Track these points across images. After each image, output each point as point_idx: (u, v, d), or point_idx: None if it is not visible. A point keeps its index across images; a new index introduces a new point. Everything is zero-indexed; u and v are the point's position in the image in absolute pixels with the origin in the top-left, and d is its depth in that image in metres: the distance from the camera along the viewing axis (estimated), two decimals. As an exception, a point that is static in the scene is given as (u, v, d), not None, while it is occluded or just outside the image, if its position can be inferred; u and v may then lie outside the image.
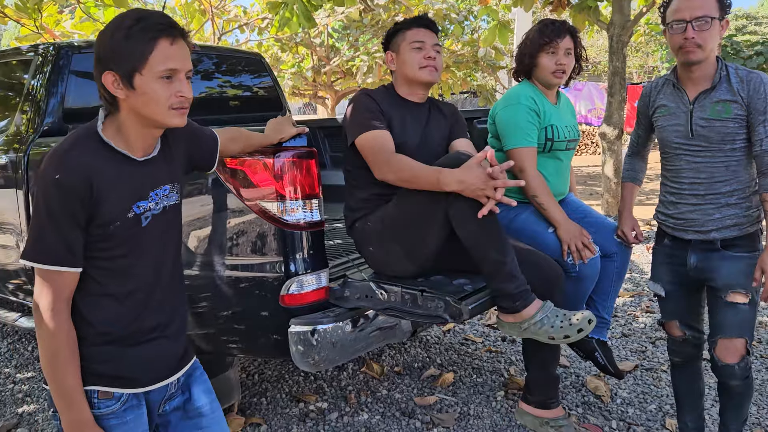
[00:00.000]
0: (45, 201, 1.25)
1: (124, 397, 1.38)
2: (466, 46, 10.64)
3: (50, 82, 3.02)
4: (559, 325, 1.90)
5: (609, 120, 6.04)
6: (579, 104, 16.12)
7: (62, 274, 1.28)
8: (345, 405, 2.90)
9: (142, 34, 1.26)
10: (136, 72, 1.27)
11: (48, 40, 6.06)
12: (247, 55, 4.26)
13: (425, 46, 2.21)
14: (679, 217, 2.15)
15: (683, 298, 2.24)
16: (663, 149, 2.19)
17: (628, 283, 4.80)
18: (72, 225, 1.26)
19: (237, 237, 2.13)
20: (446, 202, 1.93)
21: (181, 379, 1.53)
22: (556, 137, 2.44)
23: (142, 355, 1.41)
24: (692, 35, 1.97)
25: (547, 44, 2.42)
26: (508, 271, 1.92)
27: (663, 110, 2.16)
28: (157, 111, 1.30)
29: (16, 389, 3.24)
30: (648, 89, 2.25)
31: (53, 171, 1.24)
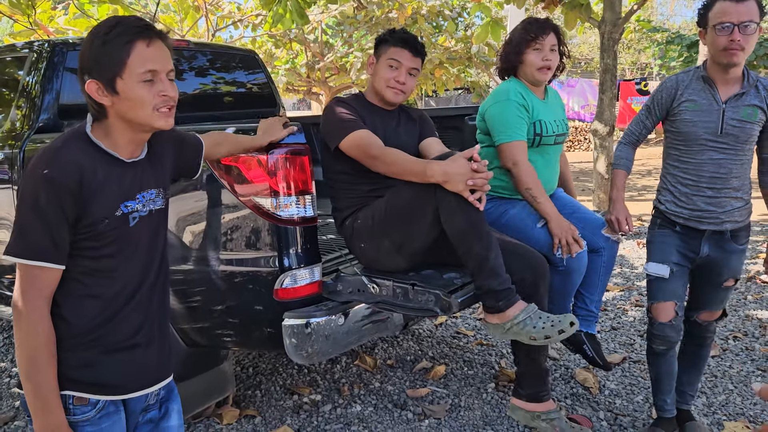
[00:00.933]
0: (32, 196, 1.24)
1: (101, 404, 1.36)
2: (460, 42, 10.68)
3: (45, 78, 3.04)
4: (541, 326, 1.95)
5: (600, 117, 6.10)
6: (572, 101, 16.20)
7: (44, 270, 1.26)
8: (338, 397, 2.95)
9: (119, 39, 1.28)
10: (117, 77, 1.28)
11: (41, 36, 6.07)
12: (241, 52, 4.29)
13: (401, 67, 2.26)
14: (694, 208, 2.25)
15: (682, 280, 2.35)
16: (684, 142, 2.25)
17: (618, 278, 4.86)
18: (59, 220, 1.25)
19: (231, 232, 2.17)
20: (435, 198, 1.98)
21: (161, 393, 1.51)
22: (545, 132, 2.49)
23: (122, 362, 1.39)
24: (738, 38, 2.06)
25: (532, 40, 2.47)
26: (491, 267, 1.96)
27: (691, 105, 2.22)
28: (142, 114, 1.31)
29: (12, 383, 3.27)
30: (674, 82, 2.29)
31: (44, 167, 1.25)
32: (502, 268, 1.99)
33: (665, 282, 2.33)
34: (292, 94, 12.72)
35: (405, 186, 2.08)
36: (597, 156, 6.18)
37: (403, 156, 2.08)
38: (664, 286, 2.34)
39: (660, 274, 2.32)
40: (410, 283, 2.06)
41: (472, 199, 1.91)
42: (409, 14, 9.71)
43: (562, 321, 1.93)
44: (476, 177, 1.89)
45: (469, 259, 1.98)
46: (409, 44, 2.27)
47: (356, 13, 9.47)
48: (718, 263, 2.29)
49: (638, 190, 9.75)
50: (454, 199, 1.93)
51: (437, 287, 2.01)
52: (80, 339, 1.34)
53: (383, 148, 2.13)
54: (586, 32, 18.85)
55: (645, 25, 10.32)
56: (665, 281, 2.32)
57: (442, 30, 11.46)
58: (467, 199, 1.91)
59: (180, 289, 2.31)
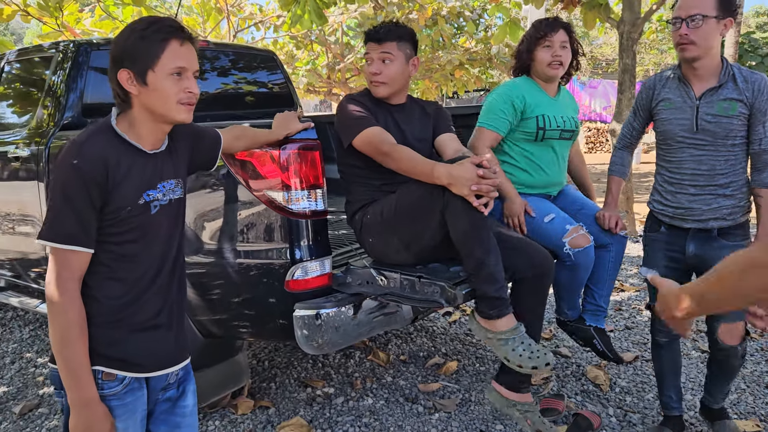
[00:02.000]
0: (63, 185, 1.34)
1: (127, 380, 1.45)
2: (480, 43, 10.67)
3: (70, 78, 3.15)
4: (519, 352, 1.97)
5: (619, 117, 6.06)
6: (594, 102, 16.07)
7: (76, 253, 1.36)
8: (351, 390, 3.01)
9: (156, 36, 1.39)
10: (149, 69, 1.39)
11: (68, 37, 6.22)
12: (260, 53, 4.37)
13: (372, 60, 2.28)
14: (678, 206, 2.23)
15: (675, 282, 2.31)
16: (664, 141, 2.26)
17: (634, 278, 4.85)
18: (87, 207, 1.35)
19: (245, 225, 2.24)
20: (443, 201, 2.01)
21: (180, 373, 1.60)
22: (548, 126, 2.53)
23: (146, 341, 1.49)
24: (685, 32, 2.06)
25: (542, 38, 2.52)
26: (489, 273, 1.98)
27: (667, 103, 2.23)
28: (166, 106, 1.42)
29: (37, 372, 3.39)
30: (652, 82, 2.31)
31: (72, 158, 1.35)
32: (501, 275, 2.00)
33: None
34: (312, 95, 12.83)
35: (415, 185, 2.12)
36: (615, 156, 6.15)
37: (412, 154, 2.11)
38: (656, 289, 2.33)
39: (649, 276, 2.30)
40: (417, 275, 2.10)
41: (477, 203, 1.93)
42: (429, 15, 9.75)
43: (540, 358, 1.94)
44: (482, 183, 1.90)
45: (468, 262, 2.00)
46: (371, 35, 2.28)
47: (377, 14, 9.52)
48: (708, 259, 2.18)
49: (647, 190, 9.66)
50: (460, 202, 1.96)
51: (443, 279, 2.05)
52: (108, 317, 1.43)
53: (394, 145, 2.16)
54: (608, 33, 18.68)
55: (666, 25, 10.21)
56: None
57: (462, 31, 11.47)
58: (473, 203, 1.93)
59: (196, 281, 2.38)
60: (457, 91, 12.32)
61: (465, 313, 4.10)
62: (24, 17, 6.00)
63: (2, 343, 3.89)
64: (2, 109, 3.70)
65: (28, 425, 2.81)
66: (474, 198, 1.92)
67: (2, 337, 4.02)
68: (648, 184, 10.46)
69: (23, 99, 3.59)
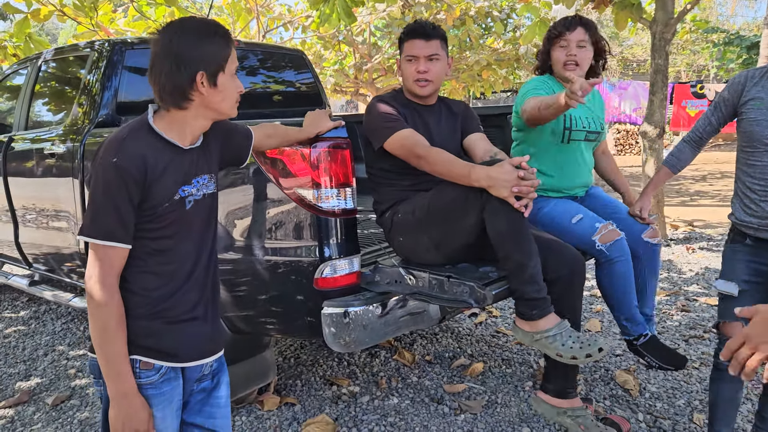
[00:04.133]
0: (104, 182, 1.37)
1: (163, 369, 1.48)
2: (508, 44, 10.60)
3: (105, 76, 3.21)
4: (570, 344, 1.95)
5: (650, 118, 5.97)
6: (624, 104, 15.85)
7: (115, 249, 1.39)
8: (376, 389, 3.01)
9: (222, 40, 1.46)
10: (221, 71, 1.46)
11: (102, 37, 6.34)
12: (290, 52, 4.40)
13: (417, 58, 2.26)
14: (764, 216, 2.09)
15: (755, 299, 2.16)
16: (750, 143, 2.12)
17: (664, 282, 4.76)
18: (126, 204, 1.38)
19: (275, 223, 2.25)
20: (482, 201, 2.01)
21: (214, 365, 1.64)
22: (574, 126, 2.50)
23: (182, 332, 1.52)
24: None
25: (557, 37, 2.49)
26: (529, 275, 1.97)
27: (758, 102, 2.09)
28: (228, 104, 1.50)
29: (69, 365, 3.46)
30: (742, 78, 2.17)
31: (112, 156, 1.37)
32: (540, 276, 2.00)
33: (734, 301, 2.16)
34: (340, 95, 12.88)
35: (450, 186, 2.10)
36: (646, 159, 6.05)
37: (448, 157, 2.10)
38: (732, 305, 2.16)
39: (728, 291, 2.18)
40: (446, 275, 2.09)
41: (517, 205, 1.92)
42: (457, 15, 9.70)
43: (592, 345, 1.92)
44: (522, 184, 1.90)
45: (507, 263, 2.01)
46: (418, 32, 2.25)
47: (404, 14, 9.52)
48: None
49: (690, 195, 9.49)
50: (499, 203, 1.95)
51: (472, 279, 2.04)
52: (147, 310, 1.47)
53: (428, 147, 2.15)
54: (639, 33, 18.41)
55: (701, 25, 10.03)
56: (733, 300, 2.16)
57: (490, 31, 11.40)
58: (512, 204, 1.92)
59: (225, 278, 2.40)
60: (484, 92, 12.24)
61: (491, 315, 4.07)
62: (60, 17, 6.13)
63: (36, 336, 3.98)
64: (39, 106, 3.79)
65: (60, 416, 2.87)
66: (514, 200, 1.91)
67: (36, 330, 4.11)
68: (678, 187, 10.28)
69: (59, 97, 3.67)
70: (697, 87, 15.48)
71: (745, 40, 15.63)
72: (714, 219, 7.30)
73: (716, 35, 16.56)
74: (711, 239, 6.21)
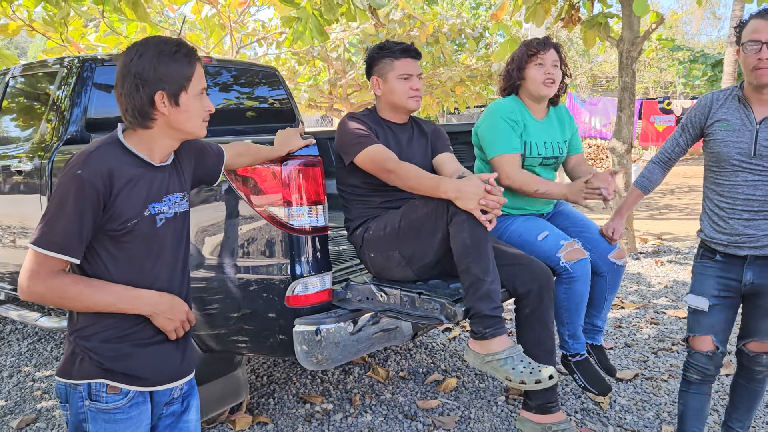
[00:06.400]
0: (64, 193, 1.35)
1: (131, 393, 1.46)
2: (480, 60, 10.75)
3: (74, 93, 3.18)
4: (520, 369, 1.94)
5: (619, 134, 6.09)
6: (594, 119, 16.14)
7: (60, 260, 1.36)
8: (350, 407, 2.99)
9: (186, 59, 1.44)
10: (183, 90, 1.44)
11: (73, 52, 6.28)
12: (263, 69, 4.41)
13: (412, 78, 2.33)
14: (732, 233, 2.14)
15: (724, 313, 2.24)
16: (717, 164, 2.17)
17: (634, 295, 4.84)
18: (85, 218, 1.35)
19: (246, 241, 2.25)
20: (448, 215, 2.03)
21: (184, 388, 1.61)
22: (528, 153, 2.54)
23: (152, 355, 1.50)
24: (767, 56, 1.98)
25: (534, 55, 2.52)
26: (485, 291, 1.97)
27: (724, 124, 2.14)
28: (193, 124, 1.48)
29: (35, 387, 3.38)
30: (708, 100, 2.22)
31: (76, 168, 1.36)
32: (498, 295, 1.99)
33: (704, 315, 2.23)
34: (314, 110, 12.90)
35: (420, 201, 2.13)
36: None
37: (417, 171, 2.13)
38: (702, 319, 2.24)
39: (698, 306, 2.23)
40: (417, 291, 2.11)
41: (483, 219, 1.95)
42: (430, 32, 9.82)
43: (542, 371, 1.92)
44: (489, 198, 1.92)
45: (465, 278, 2.00)
46: (411, 51, 2.33)
47: (378, 31, 9.60)
48: (765, 290, 2.16)
49: (659, 209, 9.68)
50: (465, 216, 1.98)
51: (443, 296, 2.06)
52: (115, 332, 1.45)
53: (398, 162, 2.18)
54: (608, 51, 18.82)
55: (666, 44, 10.31)
56: (704, 314, 2.23)
57: (463, 48, 11.55)
58: (478, 218, 1.95)
59: (196, 296, 2.38)
60: (458, 107, 12.38)
61: (465, 330, 4.09)
62: (29, 32, 6.05)
63: (0, 357, 3.88)
64: (6, 123, 3.73)
65: (26, 440, 2.80)
66: (480, 213, 1.94)
67: (0, 350, 4.01)
68: (648, 201, 10.47)
69: (27, 113, 3.62)
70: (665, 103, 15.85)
71: (709, 57, 16.09)
72: (682, 232, 7.45)
73: (682, 53, 17.02)
74: (679, 252, 6.34)
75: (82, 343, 1.45)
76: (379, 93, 2.39)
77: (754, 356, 2.27)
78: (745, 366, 2.32)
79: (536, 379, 1.91)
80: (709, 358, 2.25)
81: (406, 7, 9.02)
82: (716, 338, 2.24)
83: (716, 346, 2.24)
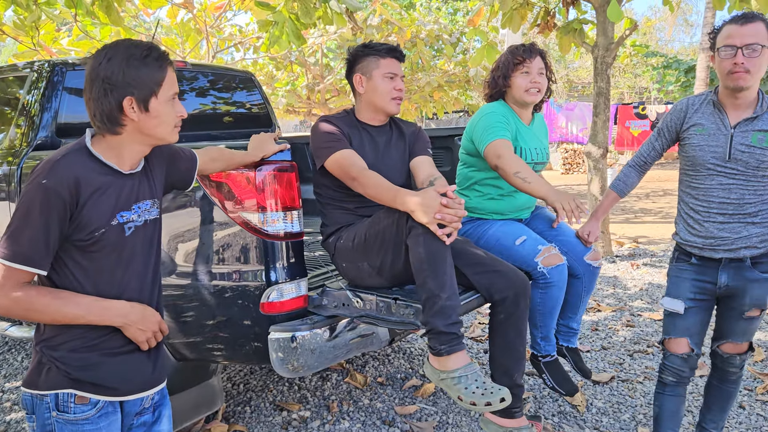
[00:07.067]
0: (27, 203, 1.31)
1: (100, 403, 1.43)
2: (458, 66, 10.81)
3: (45, 97, 3.12)
4: (472, 390, 1.90)
5: (594, 139, 6.16)
6: (571, 124, 16.35)
7: (25, 272, 1.33)
8: (327, 414, 2.97)
9: (156, 63, 1.40)
10: (153, 96, 1.40)
11: (45, 57, 6.18)
12: (239, 74, 4.38)
13: (396, 78, 2.31)
14: (707, 236, 2.17)
15: (699, 315, 2.27)
16: (693, 167, 2.20)
17: (610, 298, 4.89)
18: (51, 228, 1.32)
19: (220, 247, 2.22)
20: (407, 228, 2.00)
21: (155, 397, 1.58)
22: (523, 159, 2.53)
23: (122, 365, 1.46)
24: (742, 61, 2.01)
25: (520, 63, 2.53)
26: (440, 306, 1.93)
27: (699, 129, 2.18)
28: (164, 130, 1.45)
29: (4, 398, 3.30)
30: (684, 105, 2.25)
31: (42, 177, 1.32)
32: (454, 311, 1.94)
33: (679, 318, 2.26)
34: (292, 115, 12.85)
35: (384, 213, 2.12)
36: (591, 178, 6.23)
37: (379, 180, 2.09)
38: (678, 322, 2.27)
39: (674, 309, 2.26)
40: (393, 297, 2.10)
41: (440, 233, 1.90)
42: (408, 38, 9.86)
43: (494, 393, 1.87)
44: (445, 212, 1.87)
45: (421, 292, 1.97)
46: (396, 51, 2.31)
47: (356, 36, 9.61)
48: (739, 292, 2.19)
49: (635, 213, 9.80)
50: (422, 230, 1.94)
51: (419, 301, 2.04)
52: (84, 342, 1.41)
53: (363, 169, 2.15)
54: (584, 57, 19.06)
55: (640, 50, 10.47)
56: (679, 317, 2.26)
57: (441, 53, 11.61)
58: (435, 232, 1.91)
59: (169, 304, 2.34)
60: (436, 113, 12.43)
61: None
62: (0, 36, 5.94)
63: (-31, 368, 3.78)
64: (-26, 128, 3.65)
65: (-6, 453, 2.73)
66: (437, 227, 1.90)
67: (-31, 361, 3.91)
68: (623, 205, 10.59)
69: (-4, 118, 3.54)
70: (639, 108, 16.11)
71: (682, 63, 16.38)
72: (657, 235, 7.55)
73: (655, 59, 17.30)
74: (654, 255, 6.42)
75: (49, 352, 1.41)
76: (361, 91, 2.35)
77: (727, 358, 2.31)
78: (719, 367, 2.36)
79: (487, 402, 1.86)
80: (684, 360, 2.29)
81: (384, 13, 9.04)
82: (691, 340, 2.28)
83: (691, 348, 2.27)
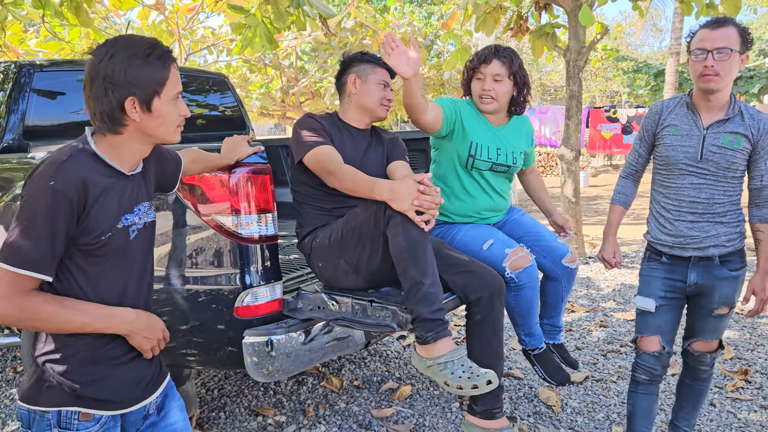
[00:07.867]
0: (36, 206, 1.25)
1: (104, 419, 1.39)
2: (432, 69, 10.86)
3: (11, 99, 3.05)
4: (459, 374, 1.91)
5: (567, 142, 6.23)
6: (544, 127, 16.52)
7: (31, 278, 1.27)
8: (303, 418, 2.95)
9: (159, 62, 1.34)
10: (156, 95, 1.35)
11: (11, 58, 6.04)
12: (212, 76, 4.34)
13: (388, 87, 2.40)
14: (677, 234, 2.23)
15: (670, 314, 2.32)
16: (665, 167, 2.25)
17: (584, 299, 4.94)
18: (59, 232, 1.27)
19: (194, 251, 2.19)
20: (385, 219, 2.01)
21: (158, 399, 1.55)
22: (478, 155, 2.51)
23: (125, 376, 1.43)
24: (712, 63, 2.07)
25: (473, 69, 2.53)
26: (423, 294, 1.94)
27: (673, 129, 2.23)
28: (167, 130, 1.39)
29: (-30, 408, 3.21)
30: (659, 107, 2.31)
31: (49, 179, 1.26)
32: (437, 298, 1.96)
33: (651, 316, 2.31)
34: (267, 118, 12.78)
35: (360, 208, 2.11)
36: (564, 180, 6.30)
37: (355, 173, 2.10)
38: (650, 320, 2.32)
39: (646, 307, 2.31)
40: (368, 299, 2.09)
41: (417, 220, 1.92)
42: (382, 41, 9.88)
43: (480, 377, 1.89)
44: (422, 198, 1.90)
45: (403, 280, 1.98)
46: (391, 69, 2.37)
47: (330, 39, 9.59)
48: (708, 290, 2.24)
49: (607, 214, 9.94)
50: (400, 218, 1.96)
51: (395, 303, 2.04)
52: (89, 352, 1.38)
53: (340, 164, 2.15)
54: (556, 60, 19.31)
55: (611, 54, 10.63)
56: (651, 315, 2.31)
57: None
58: (413, 219, 1.92)
59: (142, 309, 2.30)
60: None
61: (419, 337, 4.09)
62: (-36, 36, 5.79)
63: (-67, 377, 3.67)
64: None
65: (-41, 465, 2.65)
66: (415, 214, 1.92)
67: (-67, 370, 3.80)
68: (596, 207, 10.74)
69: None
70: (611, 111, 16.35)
71: (652, 68, 16.69)
72: (629, 237, 7.66)
73: (626, 63, 17.60)
74: (626, 256, 6.51)
75: (54, 367, 1.36)
76: (354, 91, 2.37)
77: (698, 356, 2.36)
78: (690, 366, 2.41)
79: (473, 385, 1.88)
80: (656, 358, 2.33)
81: (358, 16, 9.05)
82: (663, 338, 2.32)
83: (663, 346, 2.32)
